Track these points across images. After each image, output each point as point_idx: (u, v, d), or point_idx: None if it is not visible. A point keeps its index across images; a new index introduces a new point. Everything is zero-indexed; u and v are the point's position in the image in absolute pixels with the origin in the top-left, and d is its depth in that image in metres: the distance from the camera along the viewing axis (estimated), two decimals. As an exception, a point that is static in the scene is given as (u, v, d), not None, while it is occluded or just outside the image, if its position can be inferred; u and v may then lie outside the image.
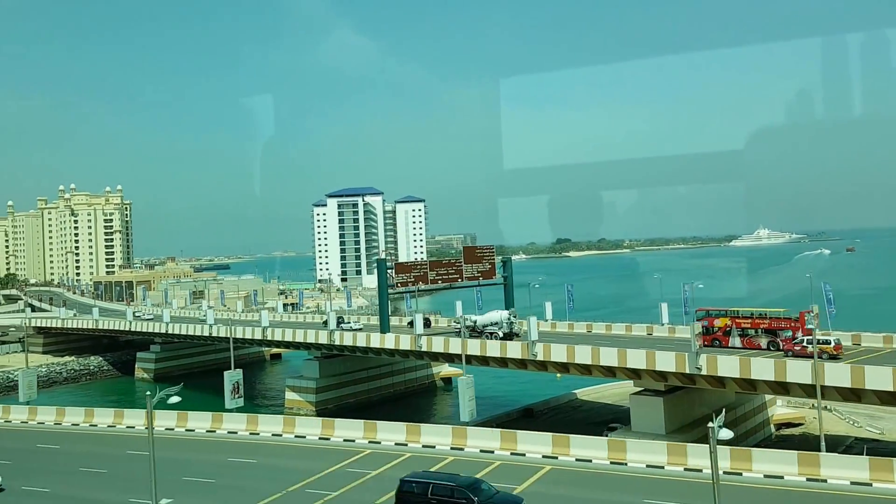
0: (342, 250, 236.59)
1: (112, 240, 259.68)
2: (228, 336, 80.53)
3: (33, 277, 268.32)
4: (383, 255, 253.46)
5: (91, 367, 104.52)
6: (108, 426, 49.37)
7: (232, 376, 48.88)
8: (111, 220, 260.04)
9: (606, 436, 41.64)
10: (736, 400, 50.06)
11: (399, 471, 33.06)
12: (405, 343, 58.73)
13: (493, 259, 66.94)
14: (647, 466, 32.66)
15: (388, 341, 59.54)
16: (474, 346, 52.94)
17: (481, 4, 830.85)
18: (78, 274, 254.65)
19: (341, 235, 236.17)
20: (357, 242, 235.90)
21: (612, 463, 33.41)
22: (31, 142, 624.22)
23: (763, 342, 46.55)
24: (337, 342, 64.92)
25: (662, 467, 32.32)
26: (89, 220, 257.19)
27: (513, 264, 68.61)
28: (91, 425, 49.80)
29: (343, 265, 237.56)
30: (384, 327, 61.12)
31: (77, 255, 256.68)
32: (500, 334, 57.40)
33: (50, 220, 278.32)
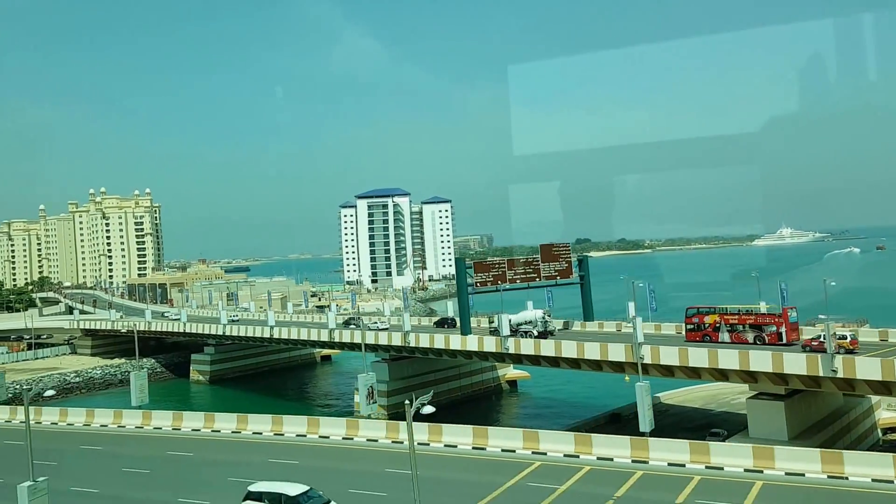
0: (372, 251, 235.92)
1: (143, 242, 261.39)
2: (292, 337, 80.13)
3: (67, 280, 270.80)
4: (413, 256, 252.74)
5: (145, 369, 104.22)
6: (255, 433, 47.85)
7: (366, 380, 47.29)
8: (142, 223, 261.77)
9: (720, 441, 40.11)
10: (845, 404, 48.27)
11: (587, 486, 31.32)
12: (490, 345, 57.36)
13: (570, 258, 65.55)
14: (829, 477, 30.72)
15: (471, 343, 58.17)
16: (570, 349, 51.47)
17: (487, 3, 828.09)
18: (111, 276, 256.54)
19: (371, 236, 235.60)
20: (387, 243, 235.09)
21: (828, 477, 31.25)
22: (57, 148, 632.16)
23: (750, 337, 49.12)
24: (412, 343, 63.74)
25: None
26: (120, 223, 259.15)
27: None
28: (255, 433, 47.89)
29: (373, 266, 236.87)
30: (465, 329, 59.82)
31: (110, 257, 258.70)
32: (535, 333, 58.03)
33: (81, 223, 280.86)
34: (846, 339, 42.97)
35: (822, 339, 42.35)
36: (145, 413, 56.19)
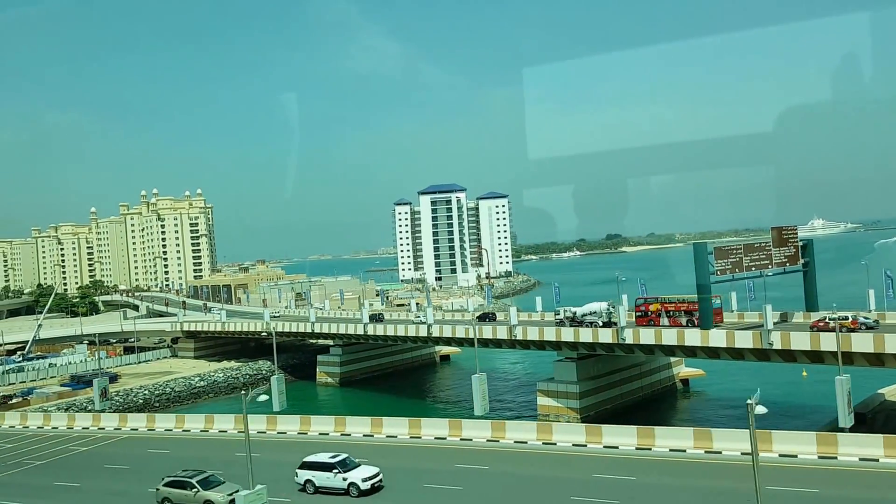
0: (436, 248, 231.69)
1: (198, 243, 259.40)
2: (445, 335, 75.90)
3: (121, 283, 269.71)
4: (481, 252, 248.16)
5: (264, 372, 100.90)
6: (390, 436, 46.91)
7: (480, 381, 44.90)
8: (196, 224, 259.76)
9: None
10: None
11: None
12: (743, 341, 51.62)
13: (797, 242, 60.89)
14: None
15: (716, 339, 53.28)
16: (866, 343, 46.70)
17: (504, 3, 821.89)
18: (167, 278, 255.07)
19: (435, 233, 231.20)
20: (451, 240, 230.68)
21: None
22: (96, 154, 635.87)
23: (683, 321, 58.52)
24: (629, 340, 58.88)
25: None
26: (176, 225, 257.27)
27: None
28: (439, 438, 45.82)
29: (437, 263, 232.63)
30: (706, 323, 55.04)
31: (165, 259, 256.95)
32: (600, 323, 62.79)
33: (133, 225, 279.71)
34: (848, 319, 51.57)
35: (826, 321, 51.61)
36: (303, 419, 53.15)
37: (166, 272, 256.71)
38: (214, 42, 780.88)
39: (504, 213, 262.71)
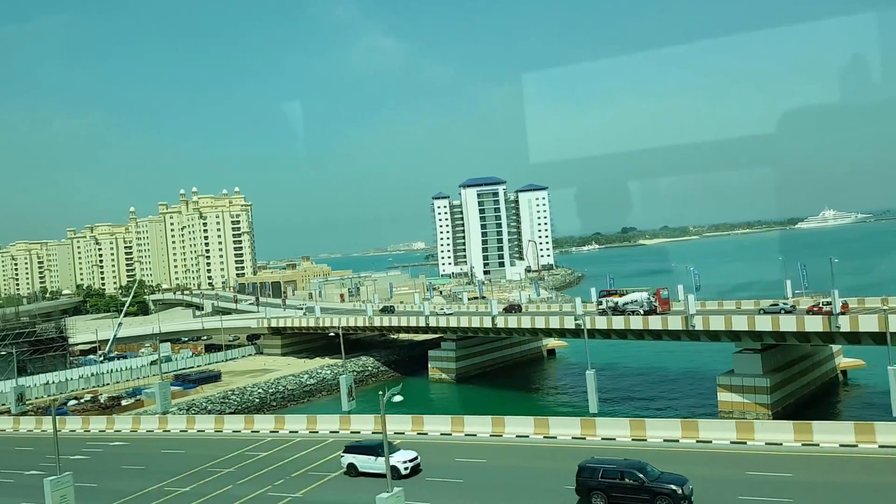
0: (484, 241, 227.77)
1: (240, 241, 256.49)
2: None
3: (163, 283, 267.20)
4: (529, 245, 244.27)
5: (369, 368, 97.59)
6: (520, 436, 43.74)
7: (592, 377, 39.89)
8: (238, 222, 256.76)
9: None
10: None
11: None
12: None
13: None
14: None
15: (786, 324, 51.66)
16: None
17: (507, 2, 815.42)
18: (209, 277, 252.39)
19: (483, 226, 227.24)
20: (499, 233, 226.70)
21: None
22: (121, 156, 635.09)
23: (598, 310, 72.08)
24: (699, 327, 55.72)
25: None
26: (218, 222, 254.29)
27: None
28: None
29: (485, 256, 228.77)
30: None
31: (208, 257, 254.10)
32: (642, 312, 67.66)
33: (172, 224, 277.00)
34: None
35: (820, 306, 58.61)
36: (455, 419, 48.50)
37: (209, 270, 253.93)
38: (219, 46, 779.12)
39: (544, 205, 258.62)
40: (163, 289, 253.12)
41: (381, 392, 33.58)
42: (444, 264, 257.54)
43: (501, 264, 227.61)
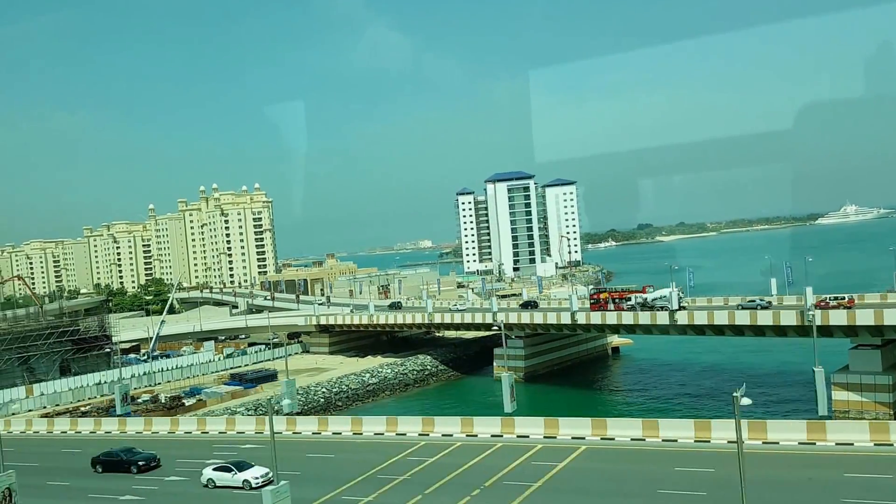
0: (514, 237, 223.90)
1: (262, 238, 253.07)
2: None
3: (183, 281, 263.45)
4: (561, 240, 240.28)
5: (428, 367, 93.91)
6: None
7: None
8: (260, 219, 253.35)
9: None
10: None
11: None
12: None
13: None
14: None
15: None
16: None
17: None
18: (231, 275, 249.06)
19: (513, 221, 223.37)
20: (530, 228, 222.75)
21: None
22: (129, 153, 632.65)
23: (625, 306, 74.07)
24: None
25: None
26: (239, 220, 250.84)
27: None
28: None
29: (515, 252, 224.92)
30: None
31: (230, 255, 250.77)
32: (670, 307, 69.60)
33: (192, 221, 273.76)
34: (844, 299, 62.53)
35: (827, 301, 62.08)
36: (596, 421, 44.47)
37: (231, 268, 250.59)
38: (223, 38, 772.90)
39: (572, 200, 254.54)
40: (183, 287, 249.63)
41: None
42: (468, 261, 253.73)
43: (532, 260, 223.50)
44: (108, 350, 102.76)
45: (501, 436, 44.21)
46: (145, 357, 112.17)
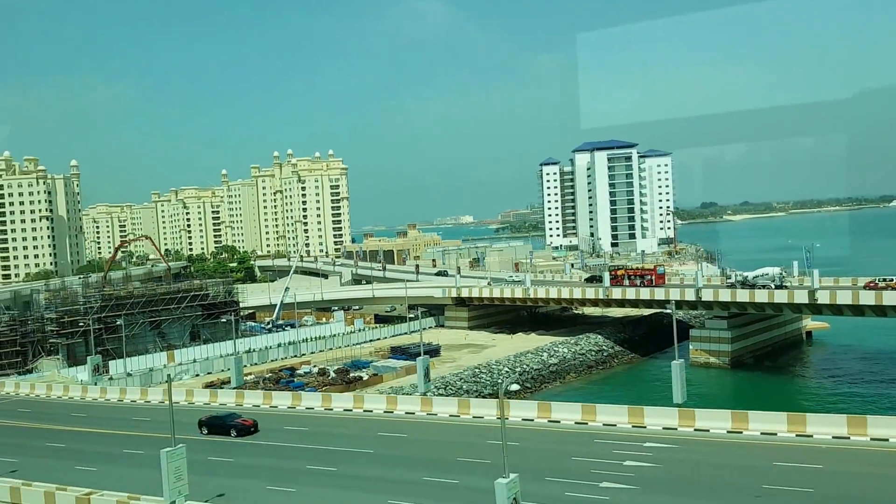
0: (613, 210, 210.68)
1: (339, 206, 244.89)
2: None
3: (257, 249, 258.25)
4: (672, 214, 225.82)
5: (604, 348, 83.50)
6: None
7: None
8: (338, 186, 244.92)
9: None
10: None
11: None
12: None
13: None
14: None
15: None
16: None
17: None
18: (307, 243, 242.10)
19: (612, 193, 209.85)
20: (630, 202, 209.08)
21: None
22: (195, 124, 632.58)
23: (638, 282, 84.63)
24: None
25: None
26: (316, 187, 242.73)
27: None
28: None
29: (614, 227, 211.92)
30: None
31: (305, 223, 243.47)
32: (773, 286, 70.67)
33: (264, 187, 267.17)
34: (893, 280, 67.12)
35: (876, 282, 68.06)
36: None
37: (307, 237, 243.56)
38: (268, 18, 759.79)
39: (666, 172, 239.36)
40: (258, 255, 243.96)
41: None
42: (551, 236, 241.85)
43: (631, 235, 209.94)
44: (235, 317, 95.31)
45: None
46: (269, 326, 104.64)
